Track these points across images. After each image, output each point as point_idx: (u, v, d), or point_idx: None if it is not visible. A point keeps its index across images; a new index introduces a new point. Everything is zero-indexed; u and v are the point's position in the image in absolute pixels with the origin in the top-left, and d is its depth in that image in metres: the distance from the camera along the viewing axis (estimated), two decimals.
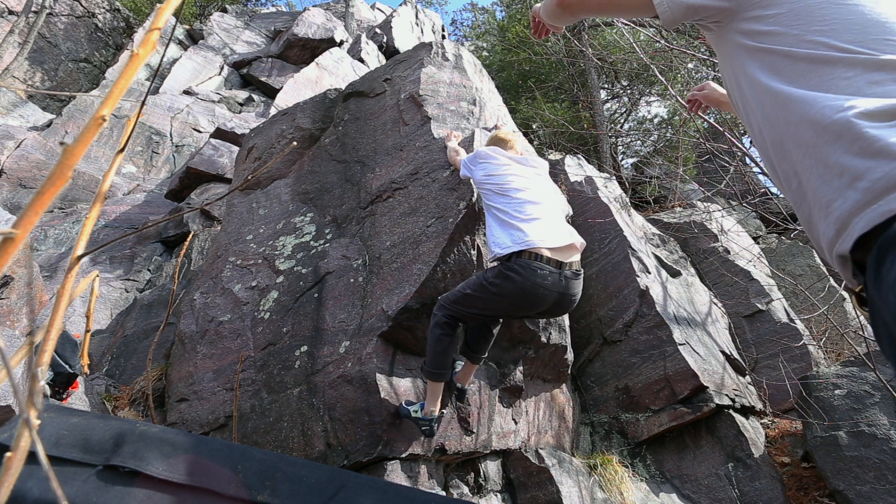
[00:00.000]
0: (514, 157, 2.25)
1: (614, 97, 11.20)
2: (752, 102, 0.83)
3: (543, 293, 1.89)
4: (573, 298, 2.00)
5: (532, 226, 1.95)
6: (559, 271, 1.91)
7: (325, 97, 4.11)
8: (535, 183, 2.17)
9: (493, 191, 2.11)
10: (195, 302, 3.09)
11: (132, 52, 0.40)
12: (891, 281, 0.61)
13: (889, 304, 0.61)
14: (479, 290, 2.02)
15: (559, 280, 1.90)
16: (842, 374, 3.41)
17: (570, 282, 1.94)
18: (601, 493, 2.99)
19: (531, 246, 1.89)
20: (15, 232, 0.31)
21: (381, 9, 17.32)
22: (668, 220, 5.78)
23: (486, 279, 1.99)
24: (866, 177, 0.65)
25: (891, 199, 0.62)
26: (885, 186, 0.63)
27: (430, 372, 2.16)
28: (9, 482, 0.30)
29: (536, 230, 1.94)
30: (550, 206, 2.10)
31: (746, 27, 0.82)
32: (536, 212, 2.01)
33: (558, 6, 1.03)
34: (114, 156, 0.44)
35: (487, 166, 2.18)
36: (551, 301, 1.94)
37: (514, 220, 1.97)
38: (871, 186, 0.64)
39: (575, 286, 1.98)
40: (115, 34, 12.06)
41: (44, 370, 0.34)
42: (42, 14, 9.76)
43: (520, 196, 2.05)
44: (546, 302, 1.94)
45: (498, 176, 2.12)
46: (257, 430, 2.45)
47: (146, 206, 6.59)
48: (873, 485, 2.87)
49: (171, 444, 0.87)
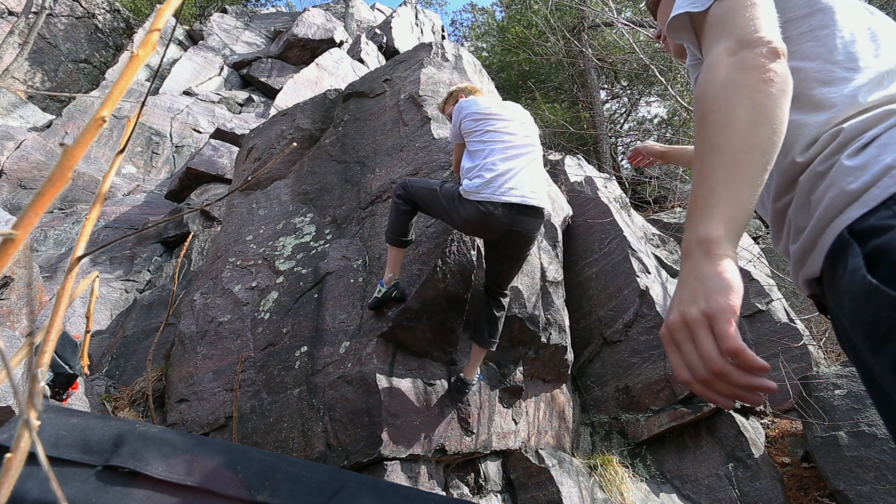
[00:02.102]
0: (497, 105, 2.31)
1: (614, 97, 11.20)
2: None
3: (493, 222, 2.04)
4: (522, 233, 2.10)
5: (498, 178, 2.07)
6: (509, 209, 2.05)
7: (324, 98, 4.11)
8: (514, 130, 2.23)
9: (475, 132, 2.21)
10: (195, 302, 3.09)
11: (132, 52, 0.40)
12: (843, 288, 0.61)
13: (846, 311, 0.61)
14: (442, 198, 2.16)
15: (509, 213, 2.04)
16: (842, 374, 3.41)
17: (518, 217, 2.06)
18: (601, 493, 2.99)
19: (490, 199, 2.03)
20: (15, 233, 0.31)
21: (381, 9, 17.32)
22: (668, 220, 5.78)
23: (452, 194, 2.13)
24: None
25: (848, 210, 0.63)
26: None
27: (390, 237, 2.32)
28: (9, 483, 0.30)
29: (499, 182, 2.06)
30: (523, 159, 2.17)
31: None
32: (505, 166, 2.11)
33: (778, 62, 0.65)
34: (114, 156, 0.44)
35: (473, 114, 2.25)
36: (500, 232, 2.08)
37: (484, 170, 2.09)
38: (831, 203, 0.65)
39: (524, 222, 2.09)
40: (115, 35, 12.07)
41: (44, 371, 0.34)
42: (42, 15, 9.76)
43: (496, 145, 2.15)
44: (495, 231, 2.08)
45: (482, 121, 2.21)
46: (257, 430, 2.45)
47: (146, 206, 6.59)
48: (873, 485, 2.87)
49: (171, 444, 0.87)
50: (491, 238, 2.19)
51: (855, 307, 0.58)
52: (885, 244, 0.56)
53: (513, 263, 2.29)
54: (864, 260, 0.58)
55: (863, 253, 0.58)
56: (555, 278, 3.47)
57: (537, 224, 2.15)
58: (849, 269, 0.60)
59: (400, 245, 2.34)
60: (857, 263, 0.58)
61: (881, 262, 0.56)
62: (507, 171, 2.09)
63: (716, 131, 0.64)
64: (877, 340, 0.56)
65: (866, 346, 0.59)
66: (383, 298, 2.39)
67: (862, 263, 0.58)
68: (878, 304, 0.55)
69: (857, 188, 0.62)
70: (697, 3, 0.76)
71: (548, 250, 3.53)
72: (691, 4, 0.77)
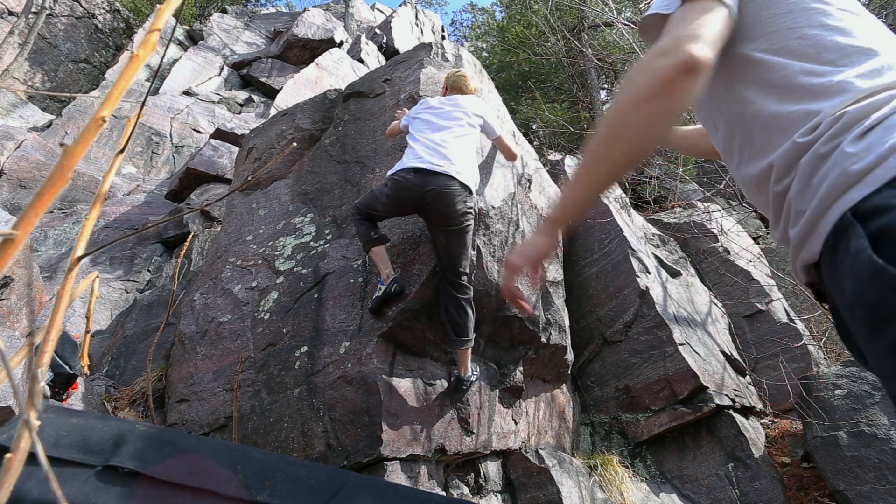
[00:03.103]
0: (442, 100, 2.63)
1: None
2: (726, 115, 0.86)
3: (408, 187, 2.31)
4: (438, 193, 2.30)
5: (411, 152, 2.41)
6: (418, 174, 2.33)
7: (324, 98, 4.11)
8: (440, 113, 2.53)
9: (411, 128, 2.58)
10: (195, 302, 3.09)
11: (132, 52, 0.40)
12: (846, 270, 0.60)
13: (846, 293, 0.60)
14: (376, 192, 2.48)
15: (420, 176, 2.32)
16: (842, 374, 3.41)
17: (427, 177, 2.31)
18: (601, 493, 2.99)
19: (403, 167, 2.36)
20: (15, 233, 0.31)
21: (381, 9, 17.33)
22: (668, 220, 5.78)
23: (377, 189, 2.49)
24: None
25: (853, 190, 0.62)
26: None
27: (364, 244, 2.49)
28: (9, 483, 0.30)
29: (412, 154, 2.39)
30: (440, 134, 2.46)
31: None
32: (419, 144, 2.42)
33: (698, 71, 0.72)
34: (114, 156, 0.44)
35: (416, 108, 2.63)
36: (417, 195, 2.31)
37: (404, 156, 2.44)
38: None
39: (434, 180, 2.30)
40: (115, 35, 12.07)
41: (44, 371, 0.34)
42: (42, 15, 9.76)
43: (418, 133, 2.48)
44: (412, 196, 2.32)
45: (415, 119, 2.57)
46: (257, 430, 2.45)
47: (146, 206, 6.59)
48: (873, 485, 2.87)
49: (171, 444, 0.87)
50: (414, 206, 2.38)
51: (857, 289, 0.58)
52: (889, 224, 0.56)
53: (448, 238, 2.38)
54: (868, 241, 0.57)
55: (866, 234, 0.58)
56: (555, 278, 3.47)
57: (452, 187, 2.31)
58: (851, 250, 0.59)
59: (374, 244, 2.46)
60: (860, 244, 0.58)
61: (885, 242, 0.56)
62: (419, 145, 2.41)
63: (597, 135, 0.79)
64: (876, 322, 0.56)
65: (864, 330, 0.58)
66: (384, 296, 2.43)
67: (867, 244, 0.57)
68: (883, 286, 0.54)
69: (860, 168, 0.61)
70: (669, 6, 0.81)
71: None
72: (664, 6, 0.82)
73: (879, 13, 4.81)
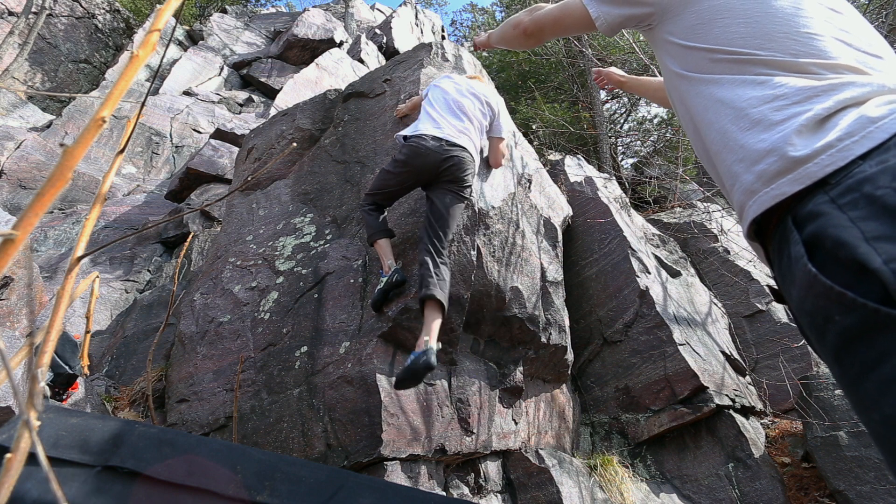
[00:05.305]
0: (463, 78, 2.80)
1: (614, 97, 11.20)
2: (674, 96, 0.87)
3: (426, 152, 2.42)
4: (455, 160, 2.44)
5: (429, 123, 2.53)
6: (438, 142, 2.46)
7: (324, 98, 4.11)
8: (458, 97, 2.67)
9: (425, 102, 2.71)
10: (195, 303, 3.09)
11: (132, 53, 0.40)
12: (790, 277, 0.61)
13: (793, 299, 0.61)
14: (387, 167, 2.56)
15: (439, 143, 2.44)
16: None
17: (444, 146, 2.44)
18: (601, 493, 2.99)
19: (421, 133, 2.48)
20: (15, 233, 0.31)
21: (381, 9, 17.32)
22: (668, 220, 5.78)
23: (388, 165, 2.57)
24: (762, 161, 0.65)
25: (781, 182, 0.62)
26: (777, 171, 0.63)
27: (369, 237, 2.54)
28: (9, 483, 0.30)
29: (430, 125, 2.52)
30: (455, 114, 2.61)
31: (671, 27, 0.86)
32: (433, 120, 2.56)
33: (523, 35, 1.22)
34: (114, 157, 0.44)
35: (438, 79, 2.80)
36: (434, 160, 2.42)
37: (419, 123, 2.57)
38: (765, 169, 0.64)
39: (451, 150, 2.45)
40: (115, 35, 12.07)
41: (44, 371, 0.34)
42: (42, 15, 9.76)
43: (436, 105, 2.62)
44: (430, 161, 2.42)
45: (434, 89, 2.73)
46: (257, 430, 2.45)
47: (146, 206, 6.59)
48: (874, 485, 2.87)
49: (171, 444, 0.87)
50: (429, 172, 2.45)
51: (799, 296, 0.58)
52: (818, 231, 0.56)
53: (452, 199, 2.45)
54: (804, 247, 0.57)
55: (801, 240, 0.58)
56: (555, 278, 3.47)
57: (466, 158, 2.47)
58: (793, 257, 0.59)
59: (380, 236, 2.49)
60: (798, 251, 0.58)
61: (817, 250, 0.56)
62: (435, 113, 2.56)
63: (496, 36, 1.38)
64: (816, 329, 0.56)
65: (811, 335, 0.59)
66: (385, 287, 2.44)
67: (803, 251, 0.57)
68: (817, 293, 0.55)
69: (798, 157, 0.61)
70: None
71: (548, 250, 3.53)
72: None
73: (879, 13, 4.80)
